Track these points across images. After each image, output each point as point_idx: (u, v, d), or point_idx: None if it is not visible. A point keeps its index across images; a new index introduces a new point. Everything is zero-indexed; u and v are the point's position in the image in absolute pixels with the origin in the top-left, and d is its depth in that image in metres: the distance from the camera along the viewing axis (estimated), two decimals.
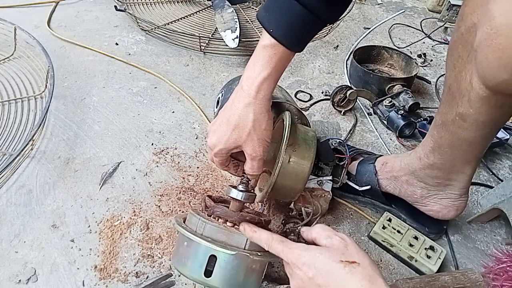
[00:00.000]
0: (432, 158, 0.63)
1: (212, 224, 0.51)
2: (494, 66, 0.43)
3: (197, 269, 0.50)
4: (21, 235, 0.68)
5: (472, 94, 0.51)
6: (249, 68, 0.53)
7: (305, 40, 0.54)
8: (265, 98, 0.53)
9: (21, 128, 0.86)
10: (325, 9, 0.49)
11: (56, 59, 1.07)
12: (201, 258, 0.50)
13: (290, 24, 0.50)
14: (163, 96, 1.02)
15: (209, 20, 1.30)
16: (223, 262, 0.49)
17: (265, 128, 0.54)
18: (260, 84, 0.52)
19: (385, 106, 0.96)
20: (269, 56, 0.51)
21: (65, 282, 0.62)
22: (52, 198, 0.75)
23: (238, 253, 0.49)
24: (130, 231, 0.70)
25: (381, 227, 0.70)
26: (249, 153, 0.54)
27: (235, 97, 0.54)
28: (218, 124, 0.55)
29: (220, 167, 0.60)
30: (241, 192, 0.54)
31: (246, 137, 0.53)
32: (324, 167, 0.72)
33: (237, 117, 0.53)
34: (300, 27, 0.51)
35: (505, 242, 0.73)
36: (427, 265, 0.65)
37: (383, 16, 1.48)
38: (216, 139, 0.55)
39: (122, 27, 1.28)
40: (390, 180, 0.72)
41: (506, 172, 0.88)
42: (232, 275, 0.50)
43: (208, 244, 0.49)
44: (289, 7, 0.49)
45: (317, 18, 0.50)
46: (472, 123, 0.54)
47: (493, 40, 0.41)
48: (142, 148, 0.87)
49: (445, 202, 0.67)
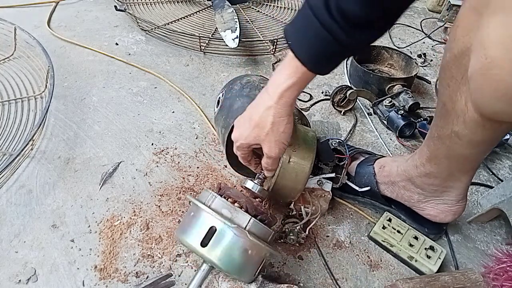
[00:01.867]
0: (428, 167, 0.63)
1: (220, 199, 0.53)
2: (490, 97, 0.42)
3: (195, 238, 0.51)
4: (21, 235, 0.68)
5: (468, 116, 0.51)
6: (277, 73, 0.55)
7: (329, 66, 0.53)
8: (286, 104, 0.55)
9: (21, 128, 0.86)
10: (350, 37, 0.47)
11: (56, 59, 1.07)
12: (202, 227, 0.51)
13: (315, 50, 0.50)
14: (163, 96, 1.02)
15: (209, 20, 1.30)
16: (220, 235, 0.50)
17: (283, 131, 0.56)
18: (283, 91, 0.54)
19: (385, 106, 0.96)
20: (296, 67, 0.52)
21: (65, 282, 0.62)
22: (52, 198, 0.75)
23: (236, 229, 0.50)
24: (130, 231, 0.70)
25: (381, 227, 0.70)
26: (266, 151, 0.58)
27: (260, 98, 0.57)
28: (242, 120, 0.59)
29: (243, 161, 0.64)
30: (256, 185, 0.59)
31: (265, 137, 0.56)
32: (324, 167, 0.72)
33: (258, 117, 0.56)
34: (324, 54, 0.50)
35: (505, 242, 0.73)
36: (427, 265, 0.65)
37: None
38: (238, 133, 0.60)
39: (122, 27, 1.28)
40: (388, 184, 0.72)
41: (506, 172, 0.88)
42: (226, 251, 0.50)
43: (211, 213, 0.51)
44: (316, 33, 0.48)
45: (342, 46, 0.48)
46: (467, 141, 0.54)
47: (488, 71, 0.40)
48: (142, 148, 0.87)
49: (442, 207, 0.68)
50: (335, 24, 0.46)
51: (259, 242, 0.51)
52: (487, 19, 0.39)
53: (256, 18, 1.35)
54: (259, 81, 0.76)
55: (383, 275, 0.67)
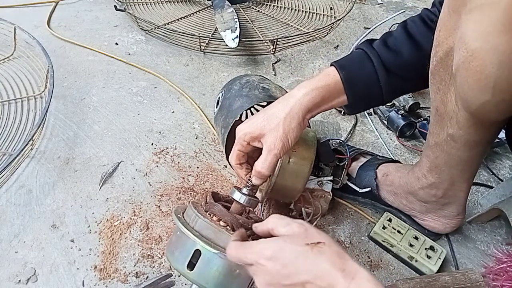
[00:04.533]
0: (430, 178, 0.64)
1: (203, 220, 0.51)
2: (475, 88, 0.44)
3: (182, 261, 0.50)
4: (21, 235, 0.68)
5: (460, 115, 0.51)
6: (306, 80, 0.57)
7: (361, 103, 0.61)
8: (308, 102, 0.54)
9: (21, 128, 0.86)
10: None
11: (56, 59, 1.06)
12: (187, 250, 0.50)
13: (360, 82, 0.58)
14: (163, 96, 1.02)
15: (209, 20, 1.30)
16: (206, 259, 0.49)
17: (294, 127, 0.54)
18: (309, 91, 0.55)
19: (385, 106, 0.96)
20: (328, 80, 0.57)
21: (64, 282, 0.62)
22: (52, 198, 0.75)
23: (220, 253, 0.48)
24: (130, 231, 0.70)
25: (381, 227, 0.70)
26: (268, 144, 0.53)
27: (283, 97, 0.57)
28: (257, 113, 0.57)
29: (235, 161, 0.58)
30: (244, 196, 0.53)
31: (273, 127, 0.53)
32: (324, 167, 0.72)
33: (274, 108, 0.55)
34: (365, 90, 0.58)
35: (505, 242, 0.73)
36: (427, 265, 0.65)
37: (383, 16, 1.48)
38: (246, 124, 0.56)
39: (122, 27, 1.28)
40: (390, 193, 0.73)
41: (506, 172, 0.88)
42: (212, 274, 0.49)
43: (194, 237, 0.49)
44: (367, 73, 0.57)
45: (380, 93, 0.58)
46: (464, 143, 0.55)
47: (470, 63, 0.42)
48: (142, 148, 0.87)
49: (443, 220, 0.69)
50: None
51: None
52: (465, 17, 0.42)
53: (256, 18, 1.35)
54: (259, 81, 0.76)
55: (383, 275, 0.67)
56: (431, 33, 0.54)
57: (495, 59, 0.39)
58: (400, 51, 0.57)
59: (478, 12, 0.40)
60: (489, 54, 0.39)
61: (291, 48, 1.23)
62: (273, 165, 0.54)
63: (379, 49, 0.58)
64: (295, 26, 1.30)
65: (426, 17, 0.59)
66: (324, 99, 0.56)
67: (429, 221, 0.70)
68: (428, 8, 0.60)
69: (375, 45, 0.59)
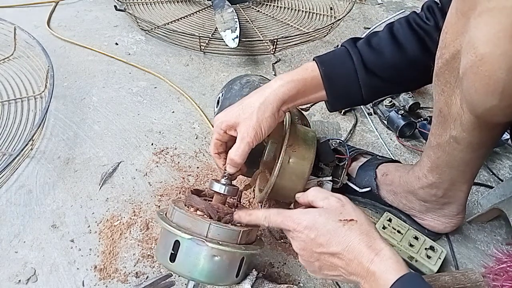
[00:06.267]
0: (430, 177, 0.63)
1: (180, 211, 0.52)
2: (482, 93, 0.43)
3: (164, 254, 0.51)
4: (21, 235, 0.68)
5: (464, 118, 0.51)
6: (285, 73, 0.58)
7: (340, 100, 0.62)
8: (283, 94, 0.55)
9: (21, 128, 0.86)
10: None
11: (56, 59, 1.06)
12: (168, 243, 0.51)
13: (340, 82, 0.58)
14: (163, 96, 1.02)
15: (209, 20, 1.30)
16: (185, 248, 0.50)
17: (268, 117, 0.54)
18: (284, 83, 0.55)
19: (385, 106, 0.96)
20: (305, 74, 0.57)
21: (64, 282, 0.62)
22: (52, 198, 0.75)
23: (194, 238, 0.49)
24: (130, 231, 0.70)
25: (381, 227, 0.70)
26: (241, 132, 0.54)
27: (260, 87, 0.57)
28: (235, 103, 0.58)
29: (213, 150, 0.58)
30: (224, 186, 0.55)
31: (247, 116, 0.54)
32: (324, 167, 0.72)
33: (250, 98, 0.56)
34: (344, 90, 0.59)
35: (505, 242, 0.73)
36: (427, 265, 0.65)
37: (383, 16, 1.48)
38: (223, 113, 0.57)
39: (122, 27, 1.28)
40: (390, 193, 0.72)
41: (506, 172, 0.88)
42: (192, 261, 0.50)
43: (170, 228, 0.50)
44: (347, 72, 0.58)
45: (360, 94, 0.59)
46: (466, 145, 0.55)
47: (479, 68, 0.41)
48: (142, 148, 0.87)
49: (442, 219, 0.69)
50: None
51: (221, 246, 0.50)
52: (474, 21, 0.42)
53: (256, 18, 1.35)
54: (259, 81, 0.76)
55: None
56: (415, 37, 0.56)
57: (505, 65, 0.39)
58: (382, 52, 0.58)
59: (488, 16, 0.39)
60: (499, 60, 0.39)
61: (291, 48, 1.23)
62: (246, 153, 0.54)
63: (361, 48, 0.58)
64: (295, 26, 1.30)
65: (412, 21, 0.59)
66: (300, 93, 0.57)
67: (429, 220, 0.70)
68: (417, 12, 0.60)
69: (358, 43, 0.59)
